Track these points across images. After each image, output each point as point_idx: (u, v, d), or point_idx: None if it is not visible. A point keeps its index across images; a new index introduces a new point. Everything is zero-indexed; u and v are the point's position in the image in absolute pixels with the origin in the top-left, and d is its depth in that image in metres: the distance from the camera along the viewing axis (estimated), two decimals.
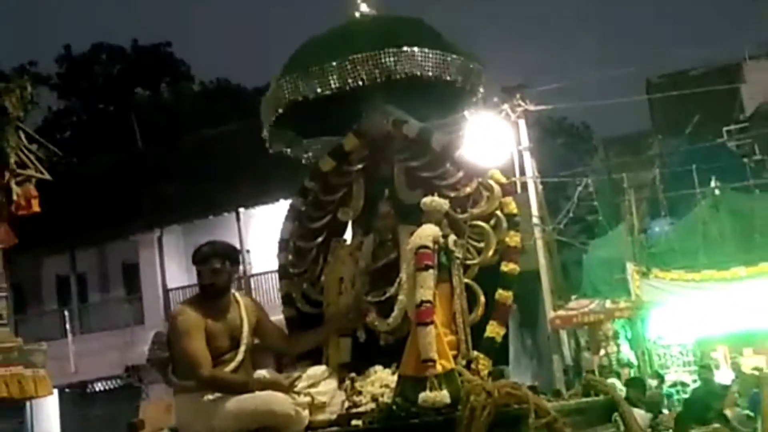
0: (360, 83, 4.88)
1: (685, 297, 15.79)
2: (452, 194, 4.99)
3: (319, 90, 4.92)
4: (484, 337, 4.72)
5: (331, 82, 4.88)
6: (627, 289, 16.99)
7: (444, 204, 4.80)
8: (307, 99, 5.01)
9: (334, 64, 4.85)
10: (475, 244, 4.92)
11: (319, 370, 4.69)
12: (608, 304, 16.89)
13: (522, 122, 18.51)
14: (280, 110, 5.12)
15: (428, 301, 4.32)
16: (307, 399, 4.47)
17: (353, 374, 4.73)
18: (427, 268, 4.42)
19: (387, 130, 5.23)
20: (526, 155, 18.78)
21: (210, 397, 4.24)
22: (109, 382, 23.06)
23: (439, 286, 4.53)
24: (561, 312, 17.44)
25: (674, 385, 15.97)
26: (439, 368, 4.20)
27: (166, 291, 22.30)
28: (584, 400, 5.05)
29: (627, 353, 16.86)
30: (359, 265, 5.05)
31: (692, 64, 28.04)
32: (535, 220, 18.00)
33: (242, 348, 4.44)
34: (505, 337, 4.82)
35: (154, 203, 22.08)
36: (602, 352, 17.16)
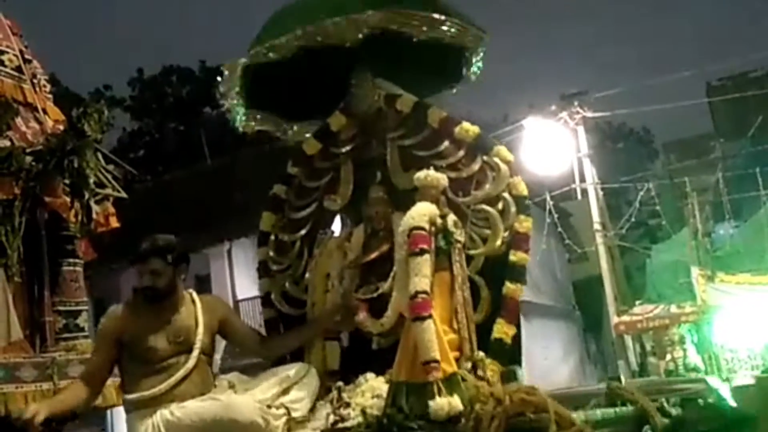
0: (344, 45, 4.25)
1: (752, 300, 15.35)
2: (452, 175, 4.27)
3: (293, 44, 4.22)
4: (491, 338, 3.99)
5: (309, 38, 4.21)
6: (692, 294, 16.61)
7: (441, 179, 4.09)
8: (286, 71, 4.37)
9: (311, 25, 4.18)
10: (480, 231, 4.20)
11: (291, 369, 3.91)
12: (673, 308, 16.53)
13: (581, 129, 18.28)
14: (246, 82, 4.42)
15: (424, 292, 3.61)
16: (281, 412, 3.72)
17: (340, 383, 3.97)
18: (422, 252, 3.71)
19: (378, 106, 4.56)
20: (586, 162, 18.54)
21: (170, 407, 3.61)
22: None
23: (438, 275, 3.84)
24: (625, 317, 17.11)
25: None
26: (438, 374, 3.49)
27: (237, 302, 22.61)
28: (611, 410, 4.21)
29: (694, 358, 16.43)
30: (348, 259, 4.34)
31: (753, 65, 27.38)
32: (597, 226, 17.75)
33: (194, 353, 3.76)
34: (517, 338, 4.09)
35: (223, 217, 22.47)
36: (668, 357, 16.77)
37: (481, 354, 3.88)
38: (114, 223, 6.33)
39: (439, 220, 3.92)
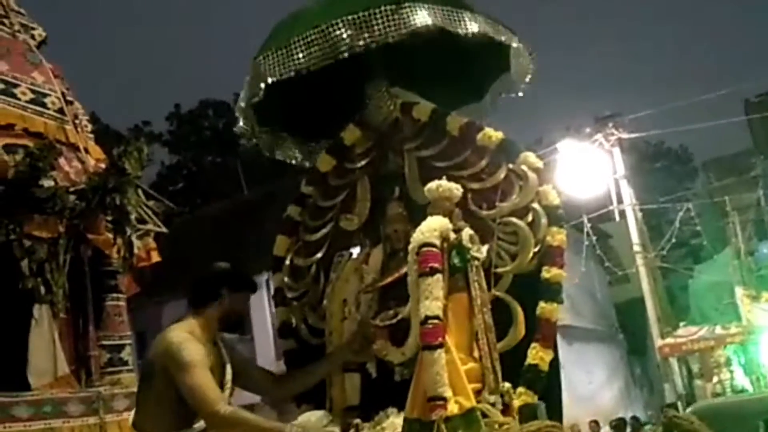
0: (357, 52, 3.76)
1: None
2: (476, 186, 3.90)
3: (302, 60, 3.73)
4: (525, 365, 3.55)
5: (320, 49, 3.70)
6: (737, 314, 16.33)
7: (454, 189, 3.69)
8: (296, 84, 3.94)
9: (321, 28, 3.68)
10: (508, 247, 3.78)
11: (314, 416, 3.59)
12: (718, 329, 16.24)
13: (616, 150, 18.13)
14: (259, 96, 3.97)
15: (435, 317, 3.22)
16: None
17: (357, 421, 3.57)
18: (432, 272, 3.31)
19: (394, 116, 4.19)
20: (623, 183, 18.36)
21: None
22: None
23: (454, 297, 3.43)
24: (669, 340, 16.82)
25: None
26: (453, 408, 3.07)
27: (276, 331, 22.70)
28: None
29: (741, 380, 16.11)
30: (365, 282, 3.95)
31: None
32: (636, 247, 17.55)
33: (226, 393, 3.43)
34: (554, 363, 3.63)
35: (260, 247, 22.62)
36: (715, 379, 16.46)
37: (507, 385, 3.43)
38: (155, 257, 6.44)
39: (452, 235, 3.51)
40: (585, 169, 17.66)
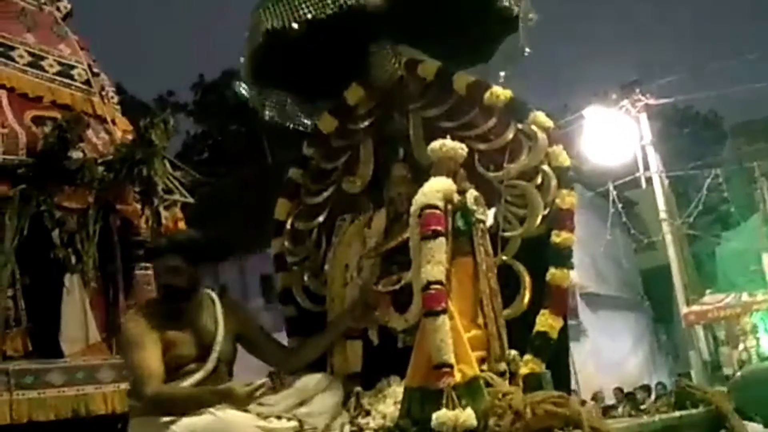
0: (362, 4, 3.68)
1: None
2: (483, 147, 3.72)
3: (304, 10, 3.67)
4: (533, 332, 3.38)
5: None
6: (764, 281, 16.20)
7: (459, 149, 3.50)
8: (298, 42, 3.84)
9: None
10: (516, 210, 3.60)
11: (312, 380, 3.48)
12: (745, 296, 16.13)
13: (643, 116, 17.95)
14: (260, 46, 3.90)
15: (437, 282, 3.05)
16: (292, 424, 3.27)
17: (359, 389, 3.48)
18: (435, 235, 3.14)
19: (399, 74, 4.01)
20: (650, 149, 18.19)
21: (164, 419, 3.14)
22: None
23: (457, 262, 3.26)
24: (695, 307, 16.73)
25: None
26: (456, 376, 2.90)
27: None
28: (676, 414, 3.69)
29: (767, 347, 16.07)
30: (368, 246, 3.79)
31: None
32: (663, 215, 17.42)
33: (213, 355, 3.38)
34: (563, 331, 3.47)
35: None
36: (741, 346, 16.37)
37: (514, 352, 3.26)
38: (182, 227, 6.51)
39: (456, 197, 3.32)
40: (611, 136, 17.51)
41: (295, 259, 4.17)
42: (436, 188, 3.30)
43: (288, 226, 4.20)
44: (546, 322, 3.39)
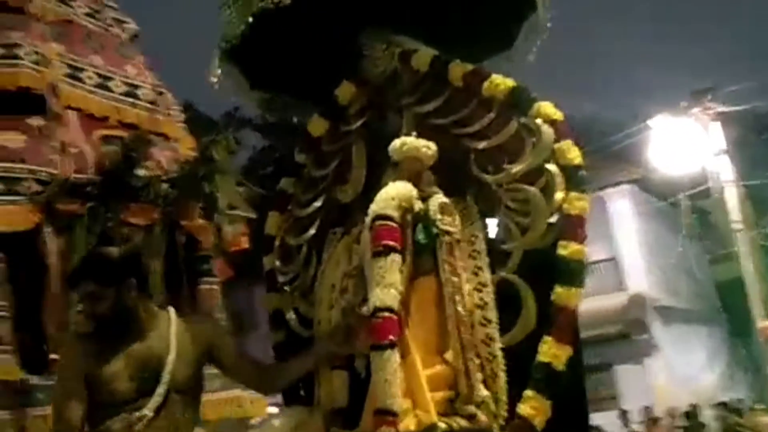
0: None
1: None
2: (481, 145, 3.23)
3: None
4: (534, 362, 2.86)
5: None
6: None
7: (423, 147, 3.04)
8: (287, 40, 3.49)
9: None
10: (518, 218, 3.10)
11: (290, 419, 3.06)
12: None
13: (715, 125, 17.48)
14: (242, 32, 3.47)
15: (386, 309, 2.59)
16: None
17: (335, 430, 3.02)
18: (386, 251, 2.69)
19: (393, 67, 3.53)
20: (724, 158, 17.69)
21: None
22: None
23: (418, 282, 2.81)
24: None
25: None
26: (410, 424, 2.47)
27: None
28: None
29: None
30: (352, 265, 3.26)
31: None
32: (737, 225, 16.90)
33: (160, 388, 2.83)
34: (575, 362, 2.90)
35: None
36: None
37: (484, 393, 2.75)
38: (245, 243, 6.66)
39: (418, 205, 2.85)
40: (681, 145, 17.12)
41: (285, 279, 3.70)
42: (390, 195, 2.83)
43: (277, 242, 3.75)
44: (549, 351, 2.86)
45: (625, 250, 18.54)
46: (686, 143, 17.05)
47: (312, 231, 3.67)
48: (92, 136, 6.18)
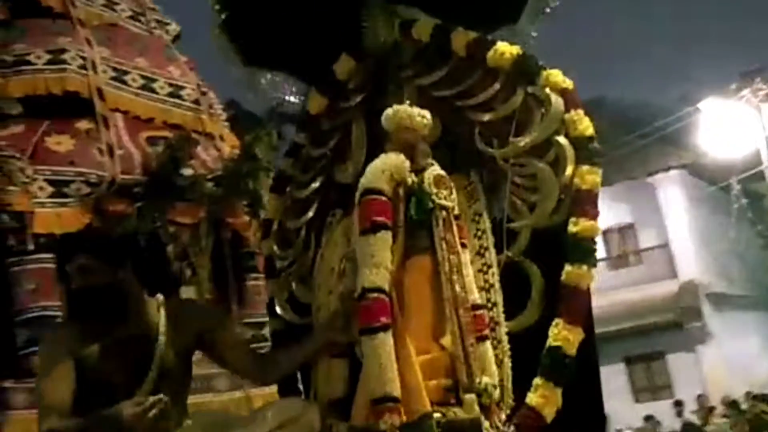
0: None
1: None
2: (486, 117, 3.02)
3: None
4: (545, 347, 2.65)
5: None
6: None
7: (417, 115, 2.80)
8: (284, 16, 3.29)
9: None
10: (526, 195, 2.90)
11: (285, 410, 2.76)
12: None
13: (766, 106, 17.03)
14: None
15: (376, 289, 2.39)
16: None
17: (332, 422, 2.79)
18: (374, 228, 2.48)
19: (393, 38, 3.32)
20: None
21: None
22: None
23: (413, 261, 2.59)
24: None
25: None
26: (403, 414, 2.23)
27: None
28: None
29: None
30: (351, 247, 3.01)
31: None
32: None
33: (150, 375, 2.72)
34: (587, 346, 2.69)
35: None
36: None
37: (486, 380, 2.52)
38: None
39: (411, 178, 2.62)
40: (732, 128, 16.75)
41: (283, 264, 3.50)
42: (380, 168, 2.60)
43: (275, 226, 3.54)
44: (560, 334, 2.64)
45: (676, 237, 18.19)
46: (737, 126, 16.66)
47: (310, 213, 3.47)
48: (138, 137, 6.28)
